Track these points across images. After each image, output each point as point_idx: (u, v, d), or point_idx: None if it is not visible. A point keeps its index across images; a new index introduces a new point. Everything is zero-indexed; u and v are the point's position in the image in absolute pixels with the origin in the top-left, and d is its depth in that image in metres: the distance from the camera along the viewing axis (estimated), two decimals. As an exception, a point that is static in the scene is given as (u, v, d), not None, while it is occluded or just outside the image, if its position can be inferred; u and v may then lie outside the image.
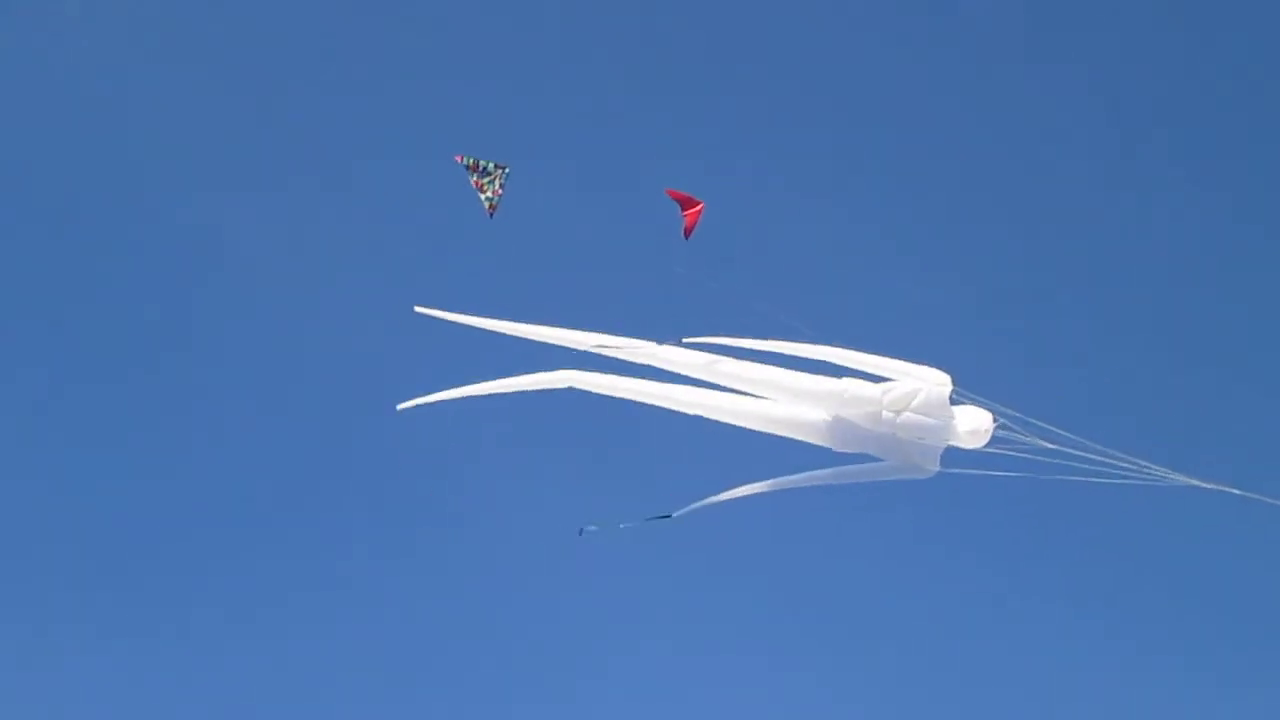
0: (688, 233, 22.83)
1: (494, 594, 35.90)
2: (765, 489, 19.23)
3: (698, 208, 22.73)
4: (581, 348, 19.82)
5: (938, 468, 18.30)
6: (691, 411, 19.51)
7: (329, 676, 35.24)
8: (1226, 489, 16.98)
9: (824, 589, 35.09)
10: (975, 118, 40.00)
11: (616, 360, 19.89)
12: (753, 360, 19.10)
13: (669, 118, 38.42)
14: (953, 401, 18.26)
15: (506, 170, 23.80)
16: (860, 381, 18.74)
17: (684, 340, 19.36)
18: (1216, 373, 38.12)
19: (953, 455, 18.74)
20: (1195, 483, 17.23)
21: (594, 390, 19.89)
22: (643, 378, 19.88)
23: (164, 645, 35.31)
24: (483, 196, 23.90)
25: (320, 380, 37.74)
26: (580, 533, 18.96)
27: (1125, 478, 17.36)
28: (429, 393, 20.57)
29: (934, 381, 18.49)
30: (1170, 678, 34.96)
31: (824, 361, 18.96)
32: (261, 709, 34.94)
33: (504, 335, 21.11)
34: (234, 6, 38.69)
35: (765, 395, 19.04)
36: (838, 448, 19.02)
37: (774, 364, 18.97)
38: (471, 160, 23.73)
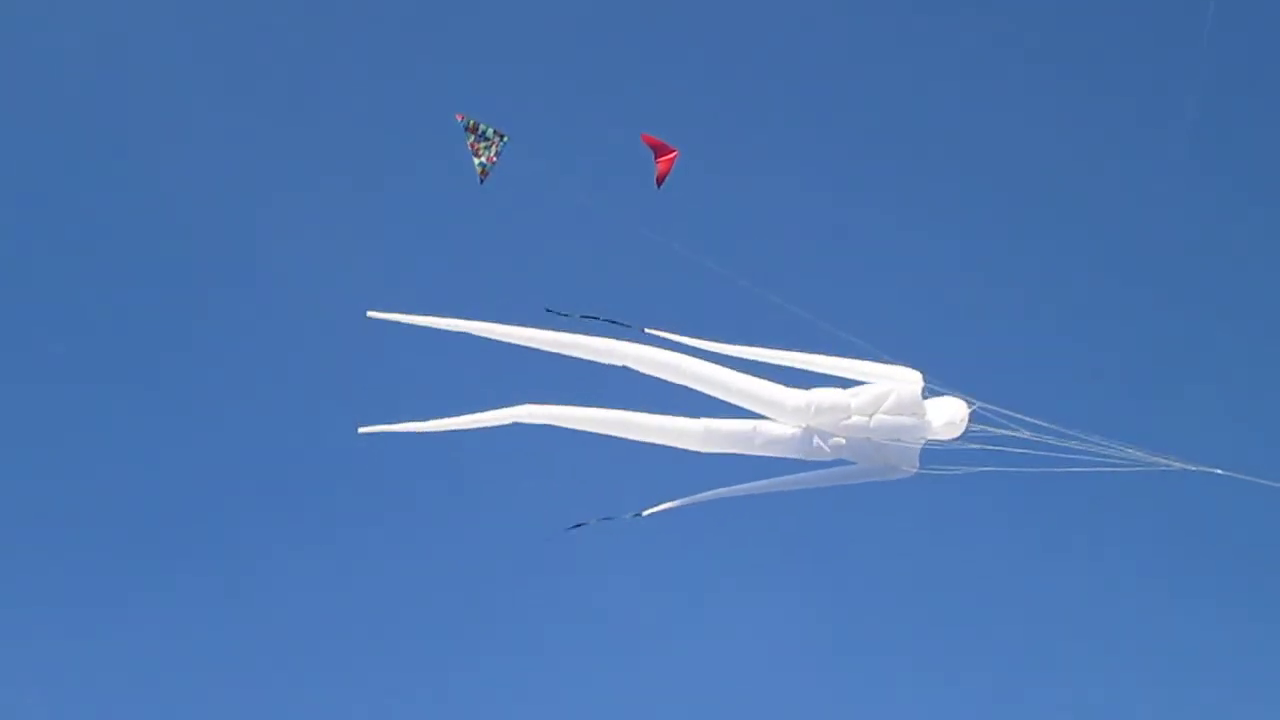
0: (660, 180, 22.62)
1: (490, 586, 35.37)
2: (739, 493, 18.77)
3: (672, 155, 22.49)
4: (542, 346, 19.28)
5: (917, 467, 18.07)
6: (657, 439, 18.91)
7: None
8: (1211, 470, 16.95)
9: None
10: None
11: (577, 387, 19.32)
12: (718, 363, 18.58)
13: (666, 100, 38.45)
14: (925, 397, 18.10)
15: (505, 139, 23.60)
16: (829, 390, 18.36)
17: (646, 330, 18.81)
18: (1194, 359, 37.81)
19: (932, 456, 18.48)
20: (1181, 466, 17.17)
21: (554, 423, 19.35)
22: (604, 404, 19.36)
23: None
24: (476, 161, 23.67)
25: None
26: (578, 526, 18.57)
27: (1114, 466, 17.28)
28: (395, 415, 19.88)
29: (905, 380, 18.18)
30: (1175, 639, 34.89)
31: (789, 367, 18.58)
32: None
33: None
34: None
35: (731, 400, 18.49)
36: (809, 457, 18.55)
37: (740, 370, 18.54)
38: (471, 122, 23.49)
